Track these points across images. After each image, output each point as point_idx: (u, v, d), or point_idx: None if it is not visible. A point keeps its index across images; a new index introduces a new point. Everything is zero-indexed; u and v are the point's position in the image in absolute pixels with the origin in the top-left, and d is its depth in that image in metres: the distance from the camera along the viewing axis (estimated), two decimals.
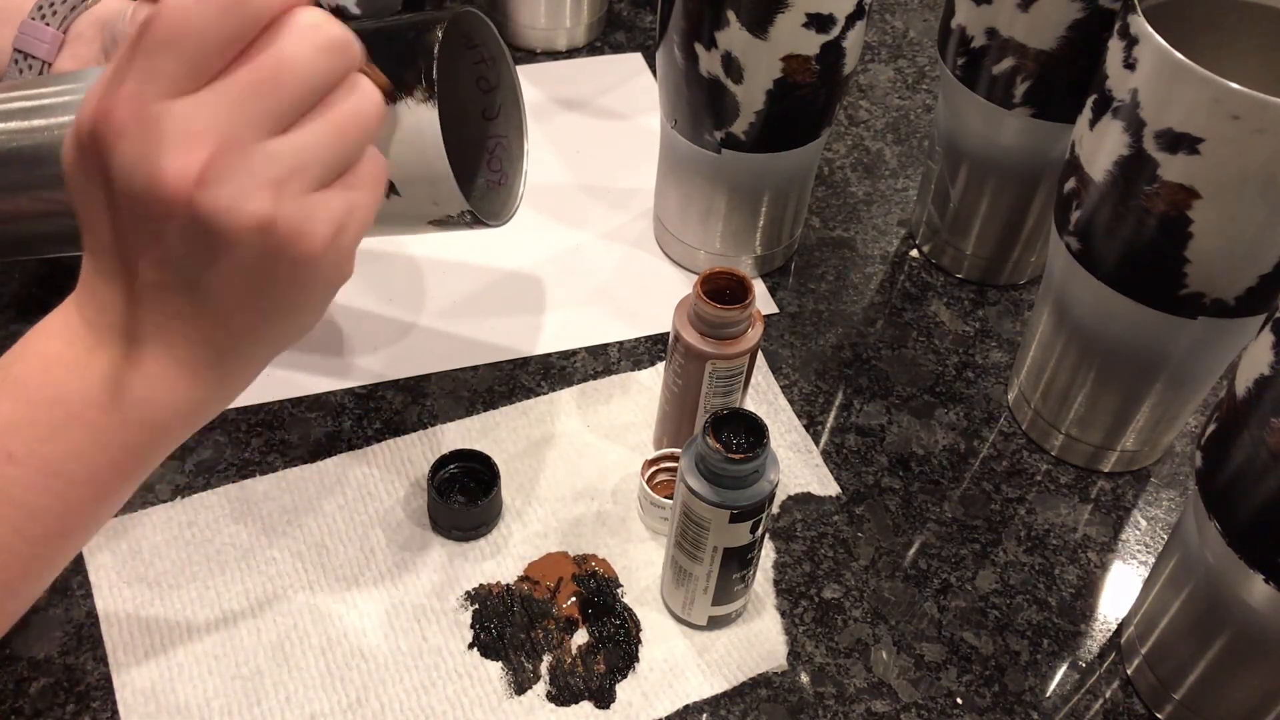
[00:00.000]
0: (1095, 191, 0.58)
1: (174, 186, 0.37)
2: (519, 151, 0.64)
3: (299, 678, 0.57)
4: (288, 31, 0.38)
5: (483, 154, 0.64)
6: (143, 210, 0.38)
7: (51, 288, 0.73)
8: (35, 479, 0.41)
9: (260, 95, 0.37)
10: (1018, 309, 0.79)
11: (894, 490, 0.67)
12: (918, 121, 0.92)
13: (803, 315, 0.77)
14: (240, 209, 0.37)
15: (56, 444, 0.41)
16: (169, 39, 0.36)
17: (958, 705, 0.58)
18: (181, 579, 0.60)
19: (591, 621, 0.60)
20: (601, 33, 0.97)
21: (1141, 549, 0.66)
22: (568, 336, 0.74)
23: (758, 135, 0.69)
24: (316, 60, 0.38)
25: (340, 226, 0.40)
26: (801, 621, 0.61)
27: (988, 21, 0.67)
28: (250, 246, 0.38)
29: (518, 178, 0.63)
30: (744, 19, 0.63)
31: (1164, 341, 0.60)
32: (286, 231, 0.38)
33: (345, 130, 0.40)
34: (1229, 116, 0.50)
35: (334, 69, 0.39)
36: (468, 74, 0.62)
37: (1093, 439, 0.68)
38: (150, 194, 0.37)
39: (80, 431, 0.41)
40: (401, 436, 0.67)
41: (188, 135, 0.37)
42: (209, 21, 0.36)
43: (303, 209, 0.39)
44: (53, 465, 0.41)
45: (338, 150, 0.40)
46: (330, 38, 0.38)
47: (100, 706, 0.55)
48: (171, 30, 0.36)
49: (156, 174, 0.37)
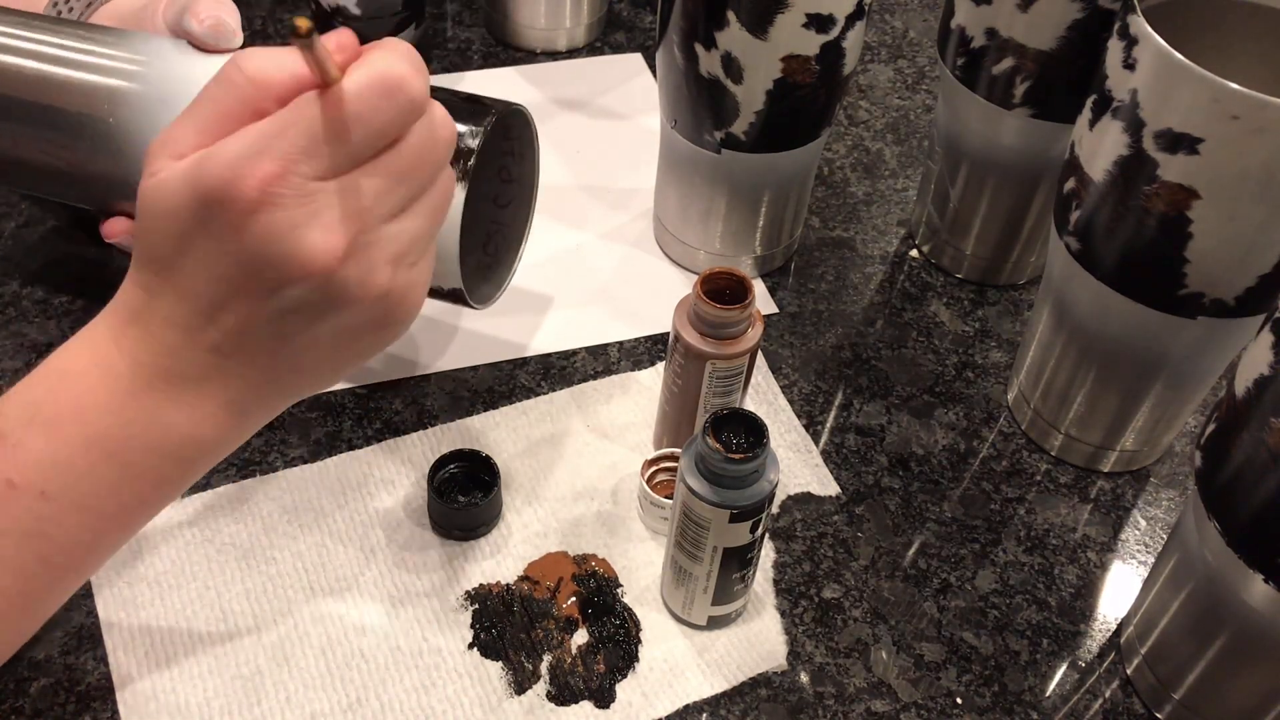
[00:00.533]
0: (1095, 191, 0.58)
1: (320, 262, 0.39)
2: (517, 244, 0.66)
3: (299, 678, 0.57)
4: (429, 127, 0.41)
5: (481, 235, 0.66)
6: (270, 274, 0.39)
7: (53, 287, 0.73)
8: (68, 515, 0.42)
9: (399, 186, 0.41)
10: (1017, 309, 0.79)
11: (894, 490, 0.67)
12: (917, 121, 0.92)
13: (802, 315, 0.77)
14: (369, 283, 0.41)
15: (91, 481, 0.42)
16: (343, 128, 0.38)
17: (957, 705, 0.58)
18: (181, 579, 0.60)
19: (591, 621, 0.60)
20: (601, 33, 0.98)
21: (1141, 549, 0.66)
22: (568, 336, 0.74)
23: (758, 135, 0.69)
24: (441, 154, 0.42)
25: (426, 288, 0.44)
26: (801, 621, 0.61)
27: (987, 22, 0.67)
28: (365, 311, 0.41)
29: (509, 268, 0.65)
30: (744, 19, 0.63)
31: (1164, 341, 0.60)
32: (395, 300, 0.42)
33: (439, 211, 0.43)
34: (1228, 116, 0.50)
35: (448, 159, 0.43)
36: (494, 159, 0.64)
37: (1092, 439, 0.68)
38: (289, 262, 0.39)
39: (116, 470, 0.42)
40: (401, 436, 0.67)
41: (337, 216, 0.39)
42: (386, 119, 0.39)
43: (409, 280, 0.43)
44: (87, 501, 0.42)
45: (434, 229, 0.43)
46: (452, 133, 0.43)
47: (100, 706, 0.55)
48: (348, 121, 0.38)
49: (302, 247, 0.39)
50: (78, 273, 0.74)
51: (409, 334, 0.73)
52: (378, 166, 0.40)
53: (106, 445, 0.41)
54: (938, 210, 0.79)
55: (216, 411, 0.42)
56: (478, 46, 0.95)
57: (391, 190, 0.40)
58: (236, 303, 0.40)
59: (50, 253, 0.75)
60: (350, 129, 0.38)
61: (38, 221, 0.77)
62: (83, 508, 0.42)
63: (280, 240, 0.38)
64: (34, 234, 0.76)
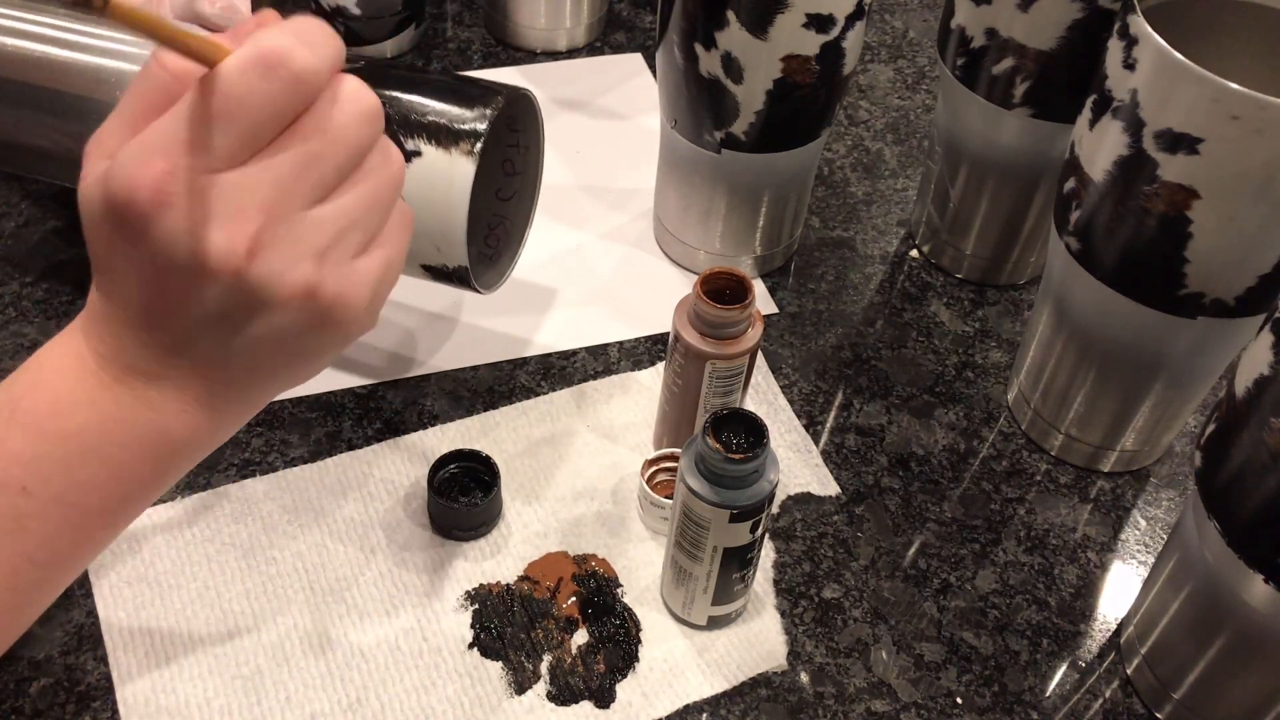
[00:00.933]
0: (1095, 191, 0.58)
1: (222, 260, 0.37)
2: (519, 238, 0.66)
3: (299, 678, 0.57)
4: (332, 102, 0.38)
5: (483, 227, 0.66)
6: (183, 274, 0.38)
7: (53, 287, 0.73)
8: (50, 510, 0.41)
9: (310, 168, 0.37)
10: (1017, 309, 0.79)
11: (894, 490, 0.67)
12: (917, 121, 0.92)
13: (802, 315, 0.77)
14: (286, 278, 0.38)
15: (72, 477, 0.41)
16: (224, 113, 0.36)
17: (957, 705, 0.58)
18: (181, 579, 0.60)
19: (591, 621, 0.60)
20: (601, 33, 0.98)
21: (1141, 549, 0.66)
22: (568, 336, 0.74)
23: (758, 135, 0.69)
24: (360, 130, 0.38)
25: (377, 286, 0.41)
26: (801, 621, 0.61)
27: (987, 22, 0.67)
28: (293, 312, 0.39)
29: (510, 260, 0.65)
30: (744, 19, 0.63)
31: (1164, 341, 0.60)
32: (330, 298, 0.39)
33: (380, 195, 0.40)
34: (1228, 116, 0.50)
35: (372, 137, 0.39)
36: (499, 151, 0.64)
37: (1092, 439, 0.68)
38: (194, 265, 0.37)
39: (95, 465, 0.41)
40: (401, 436, 0.67)
41: (238, 210, 0.37)
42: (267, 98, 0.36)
43: (345, 275, 0.39)
44: (67, 497, 0.42)
45: (373, 215, 0.40)
46: (370, 106, 0.39)
47: (100, 706, 0.55)
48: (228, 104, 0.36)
49: (203, 247, 0.37)
50: (78, 273, 0.74)
51: (409, 333, 0.73)
52: (278, 150, 0.37)
53: (84, 440, 0.41)
54: (938, 210, 0.79)
55: (185, 408, 0.42)
56: (478, 46, 0.95)
57: (301, 175, 0.37)
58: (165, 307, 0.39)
59: (50, 253, 0.75)
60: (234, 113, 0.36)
61: (38, 221, 0.77)
62: (64, 503, 0.41)
63: (181, 242, 0.37)
64: (34, 234, 0.76)
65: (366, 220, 0.40)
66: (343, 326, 0.40)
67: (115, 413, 0.41)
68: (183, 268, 0.37)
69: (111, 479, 0.42)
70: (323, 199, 0.38)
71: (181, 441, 0.43)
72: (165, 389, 0.41)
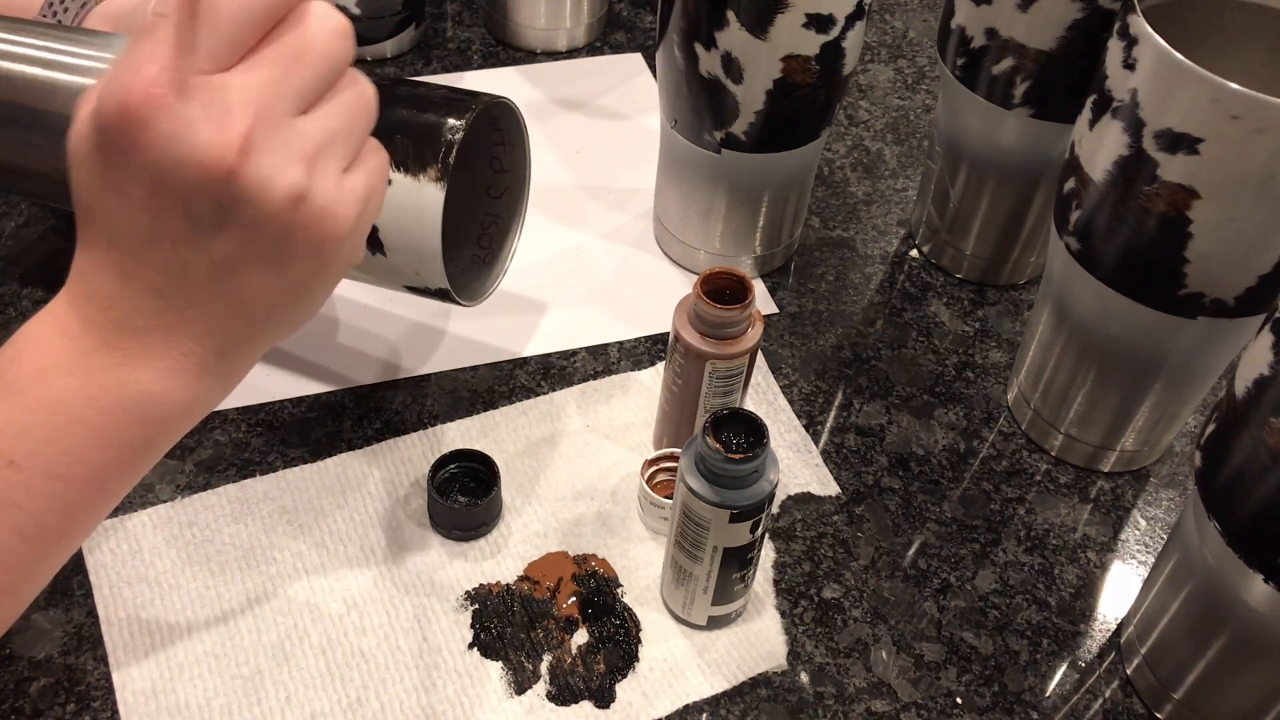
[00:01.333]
0: (1095, 191, 0.58)
1: (218, 155, 0.38)
2: (511, 237, 0.65)
3: (299, 678, 0.57)
4: (307, 16, 0.40)
5: (476, 228, 0.66)
6: (176, 183, 0.38)
7: (53, 286, 0.73)
8: (38, 482, 0.41)
9: (290, 73, 0.39)
10: (1017, 309, 0.79)
11: (894, 490, 0.67)
12: (917, 121, 0.92)
13: (802, 315, 0.77)
14: (277, 181, 0.39)
15: (58, 447, 0.41)
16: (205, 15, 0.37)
17: (957, 705, 0.58)
18: (181, 579, 0.60)
19: (591, 621, 0.60)
20: (601, 33, 0.98)
21: (1141, 549, 0.66)
22: (568, 336, 0.74)
23: (758, 135, 0.69)
24: (334, 43, 0.40)
25: (363, 206, 0.42)
26: (801, 621, 0.61)
27: (987, 22, 0.67)
28: (282, 221, 0.39)
29: (502, 262, 0.65)
30: (744, 19, 0.63)
31: (1164, 341, 0.60)
32: (319, 207, 0.40)
33: (356, 113, 0.41)
34: (1229, 116, 0.50)
35: (347, 52, 0.41)
36: (484, 150, 0.64)
37: (1092, 439, 0.68)
38: (191, 164, 0.38)
39: (82, 433, 0.41)
40: (401, 436, 0.67)
41: (229, 107, 0.38)
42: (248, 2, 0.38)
43: (334, 186, 0.40)
44: (55, 468, 0.41)
45: (353, 132, 0.41)
46: (341, 21, 0.41)
47: (100, 706, 0.55)
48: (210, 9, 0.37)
49: (198, 144, 0.37)
50: None
51: (408, 333, 0.73)
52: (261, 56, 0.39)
53: (70, 409, 0.41)
54: (938, 210, 0.79)
55: (174, 364, 0.41)
56: (478, 46, 0.95)
57: (284, 79, 0.39)
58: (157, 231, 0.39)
59: (50, 252, 0.75)
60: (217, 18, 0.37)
61: (38, 221, 0.77)
62: (52, 475, 0.41)
63: (174, 143, 0.37)
64: (34, 234, 0.76)
65: (347, 136, 0.41)
66: (328, 245, 0.41)
67: (100, 377, 0.41)
68: (176, 170, 0.38)
69: (99, 447, 0.42)
70: (305, 110, 0.40)
71: (169, 404, 0.42)
72: (153, 346, 0.41)
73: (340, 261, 0.42)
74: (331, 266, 0.42)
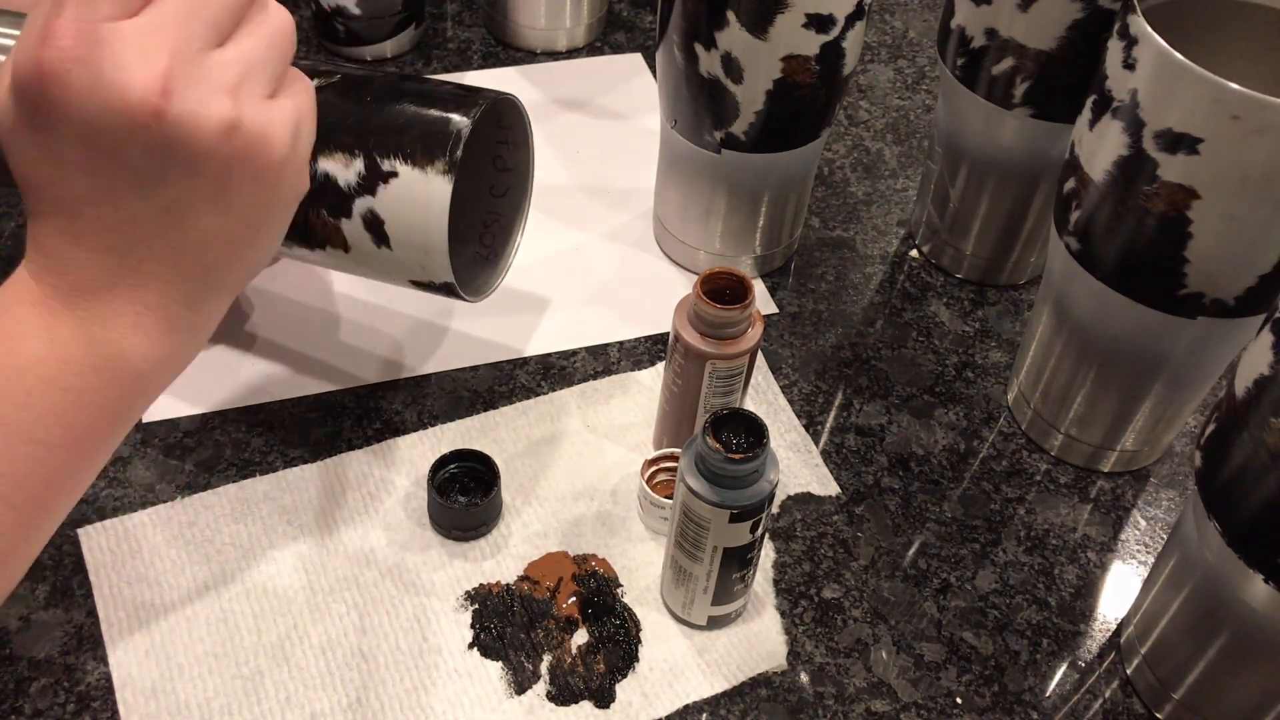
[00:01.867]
0: (1095, 191, 0.58)
1: (141, 98, 0.38)
2: (514, 235, 0.65)
3: (299, 678, 0.57)
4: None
5: (478, 226, 0.66)
6: (106, 135, 0.38)
7: None
8: (14, 447, 0.41)
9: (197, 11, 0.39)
10: (1017, 309, 0.79)
11: (894, 490, 0.67)
12: (917, 121, 0.92)
13: (802, 315, 0.77)
14: (204, 114, 0.39)
15: (32, 410, 0.41)
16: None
17: (957, 705, 0.58)
18: (181, 579, 0.60)
19: (591, 621, 0.60)
20: (601, 33, 0.98)
21: (1141, 549, 0.66)
22: (568, 336, 0.74)
23: (758, 135, 0.69)
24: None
25: (295, 130, 0.42)
26: (801, 621, 0.61)
27: (987, 22, 0.67)
28: (218, 155, 0.40)
29: (505, 259, 0.65)
30: (744, 19, 0.63)
31: (1164, 341, 0.60)
32: (251, 135, 0.40)
33: (275, 40, 0.42)
34: (1229, 116, 0.50)
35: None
36: (488, 148, 0.64)
37: (1092, 439, 0.68)
38: (116, 111, 0.38)
39: (56, 395, 0.41)
40: (401, 436, 0.67)
41: (143, 52, 0.38)
42: None
43: (262, 112, 0.41)
44: (31, 432, 0.41)
45: (272, 58, 0.42)
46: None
47: (100, 706, 0.55)
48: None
49: (120, 90, 0.38)
50: None
51: (408, 333, 0.73)
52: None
53: (42, 371, 0.41)
54: (938, 210, 0.79)
55: (140, 318, 0.42)
56: (478, 46, 0.95)
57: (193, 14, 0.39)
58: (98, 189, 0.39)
59: None
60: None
61: None
62: (30, 439, 0.41)
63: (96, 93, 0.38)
64: None
65: (267, 62, 0.42)
66: (269, 172, 0.41)
67: (69, 339, 0.41)
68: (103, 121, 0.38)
69: (73, 408, 0.42)
70: (221, 43, 0.40)
71: (140, 359, 0.42)
72: (116, 303, 0.41)
73: (284, 189, 0.43)
74: (277, 194, 0.43)
